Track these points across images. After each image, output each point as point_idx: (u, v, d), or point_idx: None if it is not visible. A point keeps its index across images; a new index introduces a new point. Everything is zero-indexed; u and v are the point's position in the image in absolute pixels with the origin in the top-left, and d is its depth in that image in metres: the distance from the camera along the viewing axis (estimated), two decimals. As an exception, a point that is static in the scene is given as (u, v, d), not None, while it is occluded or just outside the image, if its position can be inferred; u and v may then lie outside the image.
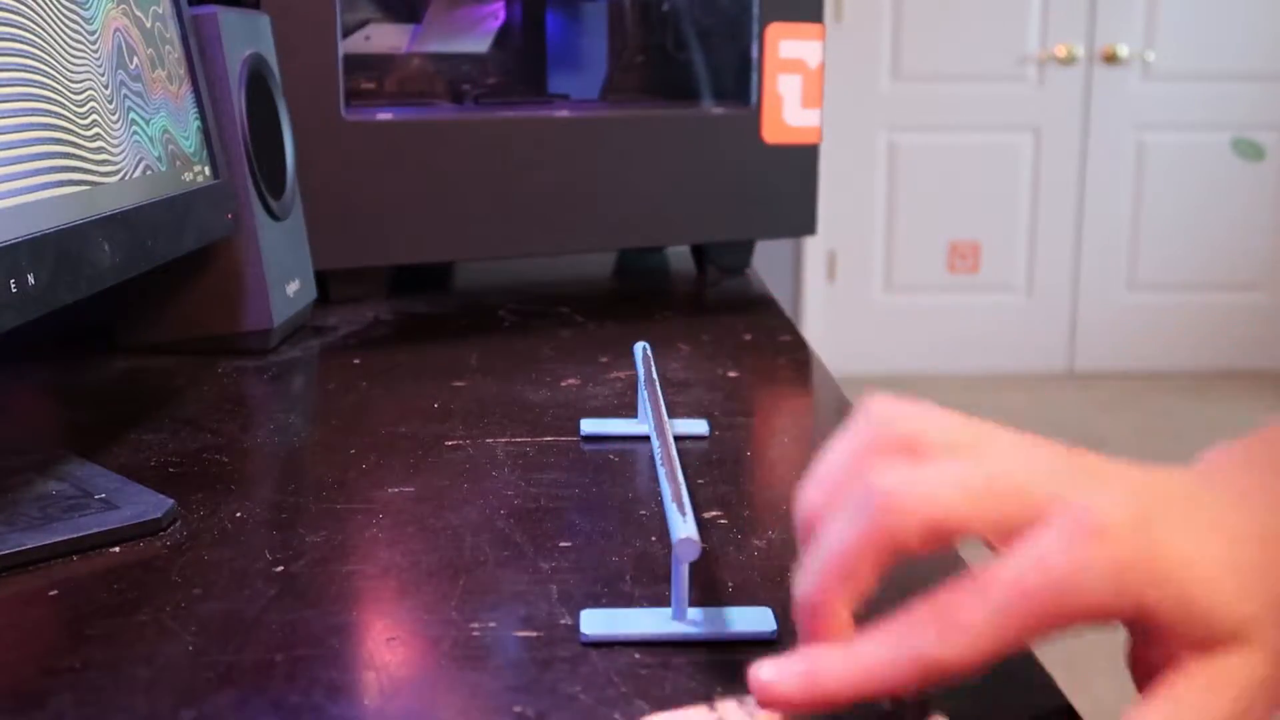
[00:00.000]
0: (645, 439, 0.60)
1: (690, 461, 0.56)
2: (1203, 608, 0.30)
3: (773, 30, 1.03)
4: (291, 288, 0.82)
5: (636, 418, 0.62)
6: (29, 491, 0.50)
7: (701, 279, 1.07)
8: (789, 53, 1.03)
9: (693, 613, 0.39)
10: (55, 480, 0.51)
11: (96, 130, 0.56)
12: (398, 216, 0.92)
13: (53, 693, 0.35)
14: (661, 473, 0.43)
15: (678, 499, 0.39)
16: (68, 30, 0.55)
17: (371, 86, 1.06)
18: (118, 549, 0.46)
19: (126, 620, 0.40)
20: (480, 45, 1.12)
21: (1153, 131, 3.79)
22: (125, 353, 0.78)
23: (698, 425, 0.61)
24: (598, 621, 0.39)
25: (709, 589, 0.42)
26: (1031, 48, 3.74)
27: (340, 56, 0.88)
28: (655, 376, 0.58)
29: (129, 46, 0.62)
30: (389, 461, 0.56)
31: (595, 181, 0.98)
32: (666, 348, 0.80)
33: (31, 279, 0.47)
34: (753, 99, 1.03)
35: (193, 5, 0.75)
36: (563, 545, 0.46)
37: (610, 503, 0.51)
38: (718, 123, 1.02)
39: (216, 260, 0.77)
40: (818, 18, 1.04)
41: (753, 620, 0.39)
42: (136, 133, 0.61)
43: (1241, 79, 3.75)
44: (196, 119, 0.71)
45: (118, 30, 0.61)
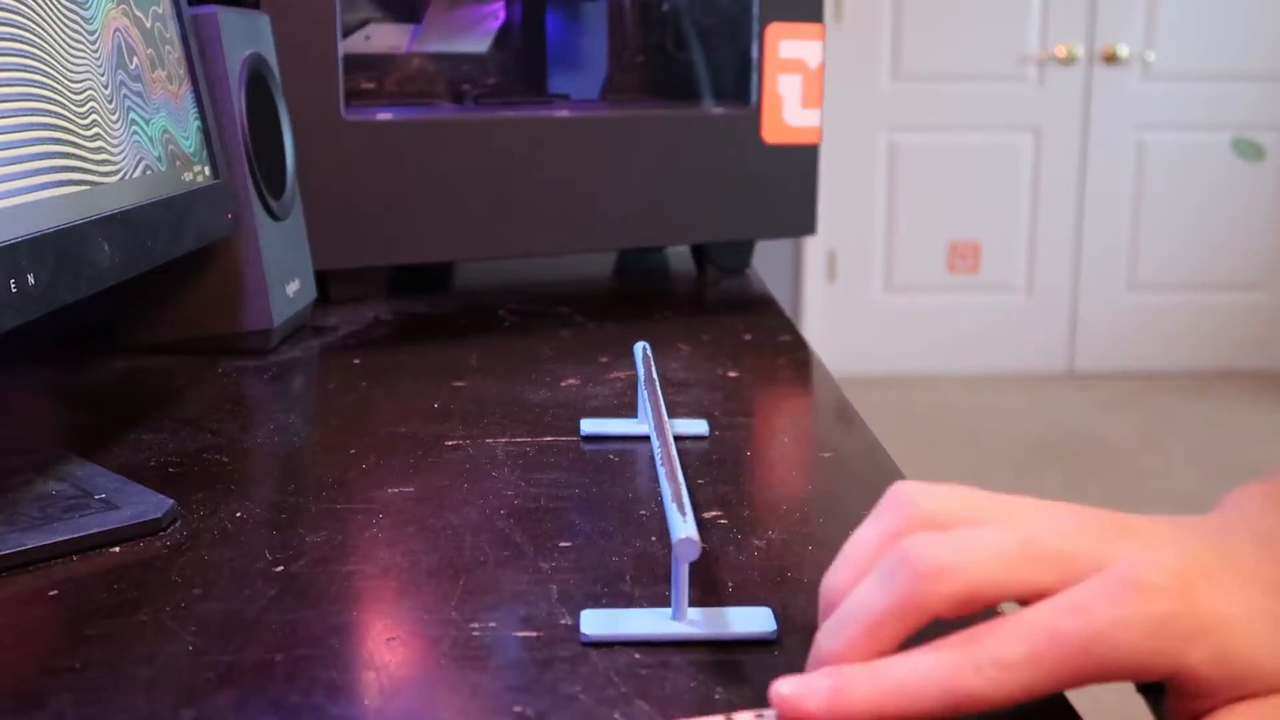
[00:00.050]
0: (645, 439, 0.60)
1: (690, 461, 0.56)
2: (1242, 664, 0.30)
3: (773, 30, 1.03)
4: (291, 288, 0.82)
5: (636, 418, 0.62)
6: (29, 491, 0.50)
7: (701, 279, 1.07)
8: (789, 53, 1.03)
9: (693, 613, 0.39)
10: (55, 480, 0.51)
11: (96, 130, 0.56)
12: (398, 216, 0.92)
13: (53, 693, 0.35)
14: (661, 473, 0.43)
15: (678, 499, 0.39)
16: (68, 30, 0.55)
17: (371, 86, 1.06)
18: (118, 549, 0.46)
19: (126, 620, 0.40)
20: (480, 45, 1.13)
21: (1153, 131, 3.79)
22: (125, 353, 0.78)
23: (698, 425, 0.61)
24: (598, 621, 0.39)
25: (709, 589, 0.42)
26: (1031, 48, 3.74)
27: (340, 56, 0.88)
28: (655, 376, 0.58)
29: (129, 46, 0.62)
30: (389, 461, 0.56)
31: (595, 181, 0.98)
32: (666, 348, 0.80)
33: (31, 279, 0.47)
34: (753, 99, 1.03)
35: (193, 5, 0.75)
36: (563, 545, 0.46)
37: (610, 503, 0.51)
38: (718, 123, 1.02)
39: (216, 260, 0.77)
40: (818, 18, 1.04)
41: (753, 620, 0.39)
42: (136, 133, 0.61)
43: (1241, 79, 3.75)
44: (196, 119, 0.71)
45: (118, 30, 0.61)
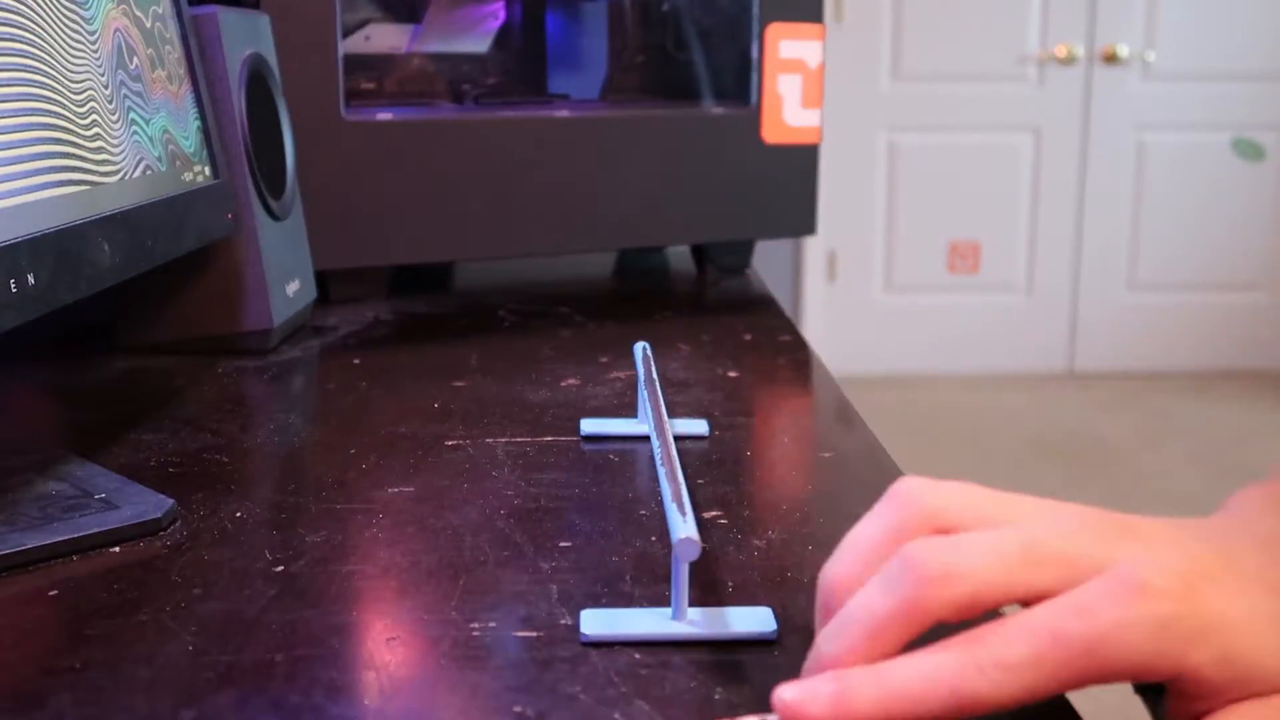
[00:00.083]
0: (645, 439, 0.60)
1: (690, 461, 0.56)
2: (1245, 665, 0.30)
3: (773, 30, 1.03)
4: (291, 288, 0.82)
5: (636, 418, 0.62)
6: (29, 491, 0.50)
7: (701, 279, 1.07)
8: (789, 53, 1.03)
9: (692, 613, 0.39)
10: (55, 480, 0.51)
11: (96, 130, 0.56)
12: (398, 216, 0.92)
13: (53, 693, 0.35)
14: (661, 473, 0.43)
15: (678, 499, 0.39)
16: (68, 30, 0.55)
17: (371, 86, 1.06)
18: (118, 549, 0.46)
19: (126, 620, 0.40)
20: (480, 45, 1.12)
21: (1153, 131, 3.79)
22: (125, 353, 0.78)
23: (698, 425, 0.61)
24: (598, 621, 0.39)
25: (709, 589, 0.42)
26: (1031, 48, 3.74)
27: (340, 56, 0.88)
28: (655, 376, 0.58)
29: (129, 46, 0.62)
30: (389, 461, 0.56)
31: (595, 181, 0.98)
32: (666, 348, 0.80)
33: (31, 279, 0.47)
34: (753, 99, 1.03)
35: (193, 5, 0.75)
36: (563, 545, 0.46)
37: (610, 503, 0.51)
38: (718, 123, 1.02)
39: (216, 260, 0.77)
40: (818, 18, 1.04)
41: (753, 620, 0.39)
42: (136, 133, 0.61)
43: (1241, 79, 3.75)
44: (196, 119, 0.71)
45: (118, 30, 0.61)
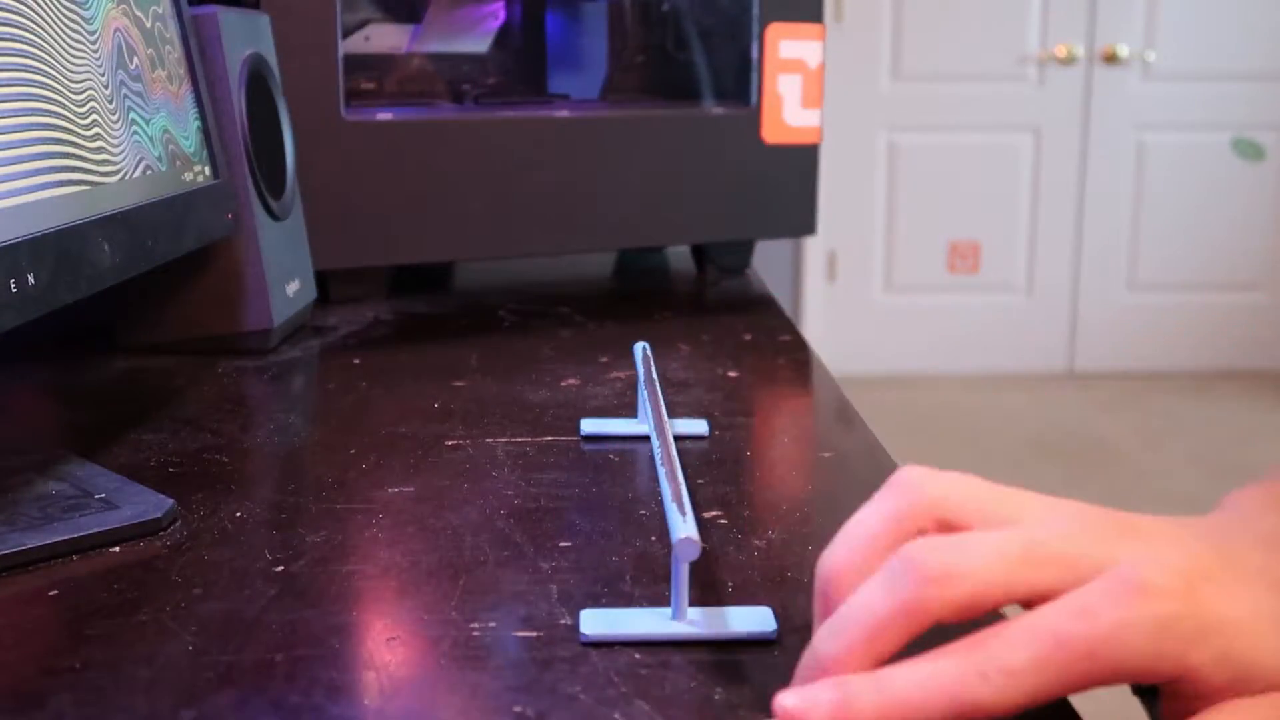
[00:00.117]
0: (645, 439, 0.60)
1: (690, 461, 0.56)
2: (1245, 664, 0.30)
3: (773, 30, 1.03)
4: (291, 288, 0.82)
5: (636, 418, 0.62)
6: (29, 491, 0.50)
7: (701, 279, 1.07)
8: (789, 53, 1.03)
9: (692, 613, 0.39)
10: (55, 480, 0.51)
11: (96, 130, 0.56)
12: (398, 216, 0.92)
13: (53, 693, 0.35)
14: (661, 473, 0.43)
15: (678, 499, 0.39)
16: (68, 30, 0.55)
17: (371, 86, 1.06)
18: (118, 549, 0.46)
19: (126, 620, 0.40)
20: (480, 45, 1.13)
21: (1153, 131, 3.79)
22: (125, 353, 0.78)
23: (698, 425, 0.61)
24: (597, 621, 0.39)
25: (709, 589, 0.42)
26: (1031, 48, 3.74)
27: (340, 56, 0.88)
28: (655, 376, 0.58)
29: (129, 46, 0.62)
30: (389, 461, 0.56)
31: (595, 181, 0.98)
32: (666, 348, 0.80)
33: (31, 279, 0.47)
34: (753, 99, 1.03)
35: (193, 5, 0.75)
36: (563, 545, 0.46)
37: (610, 503, 0.51)
38: (718, 123, 1.02)
39: (216, 260, 0.77)
40: (818, 18, 1.04)
41: (752, 620, 0.39)
42: (136, 133, 0.61)
43: (1241, 79, 3.75)
44: (196, 119, 0.71)
45: (118, 30, 0.61)
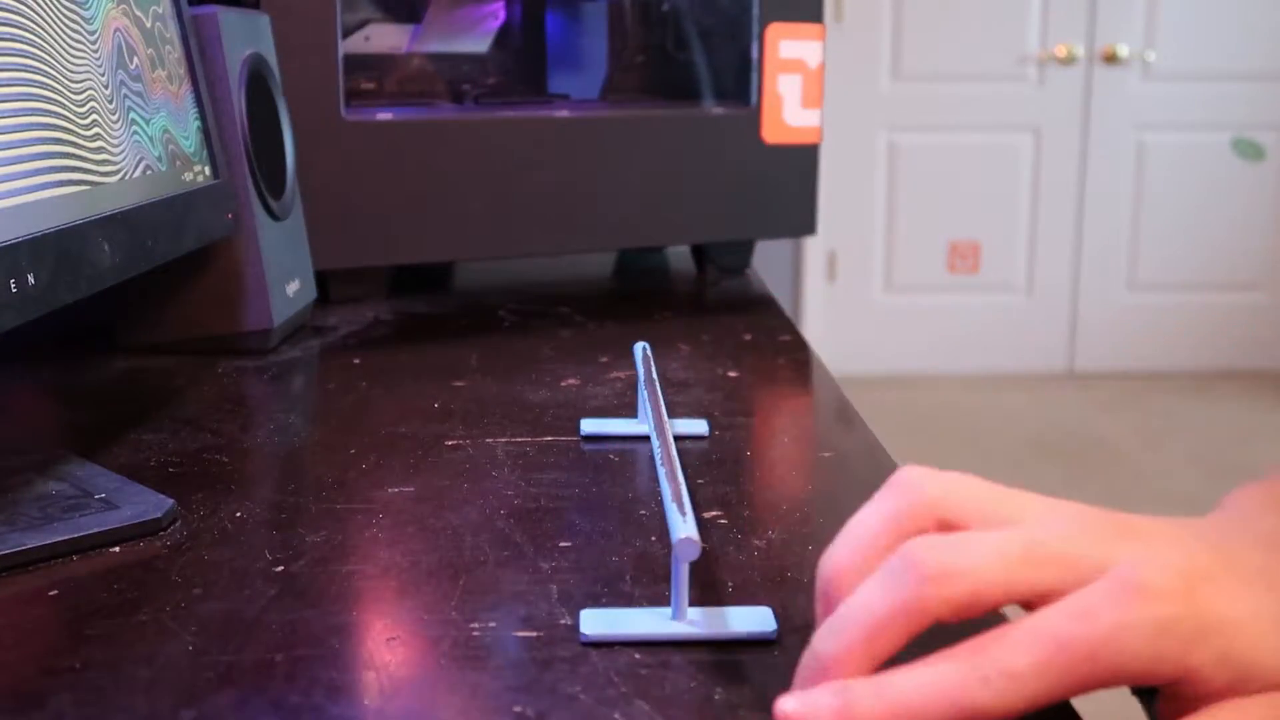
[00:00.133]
0: (645, 439, 0.60)
1: (690, 461, 0.56)
2: (1245, 665, 0.30)
3: (773, 30, 1.03)
4: (291, 288, 0.82)
5: (636, 418, 0.62)
6: (29, 491, 0.50)
7: (701, 279, 1.07)
8: (789, 53, 1.03)
9: (692, 613, 0.39)
10: (55, 480, 0.51)
11: (96, 130, 0.56)
12: (398, 216, 0.92)
13: (53, 693, 0.35)
14: (661, 473, 0.43)
15: (678, 499, 0.39)
16: (68, 30, 0.55)
17: (371, 86, 1.06)
18: (118, 549, 0.46)
19: (126, 620, 0.40)
20: (480, 45, 1.13)
21: (1153, 131, 3.79)
22: (125, 353, 0.78)
23: (698, 425, 0.61)
24: (597, 621, 0.39)
25: (709, 589, 0.42)
26: (1031, 48, 3.74)
27: (340, 56, 0.88)
28: (655, 376, 0.58)
29: (129, 46, 0.62)
30: (389, 461, 0.56)
31: (595, 181, 0.98)
32: (666, 348, 0.80)
33: (31, 279, 0.47)
34: (753, 99, 1.03)
35: (193, 5, 0.75)
36: (563, 545, 0.46)
37: (610, 503, 0.51)
38: (718, 123, 1.02)
39: (216, 260, 0.77)
40: (818, 18, 1.04)
41: (752, 620, 0.39)
42: (136, 133, 0.61)
43: (1241, 79, 3.75)
44: (196, 119, 0.71)
45: (118, 30, 0.61)
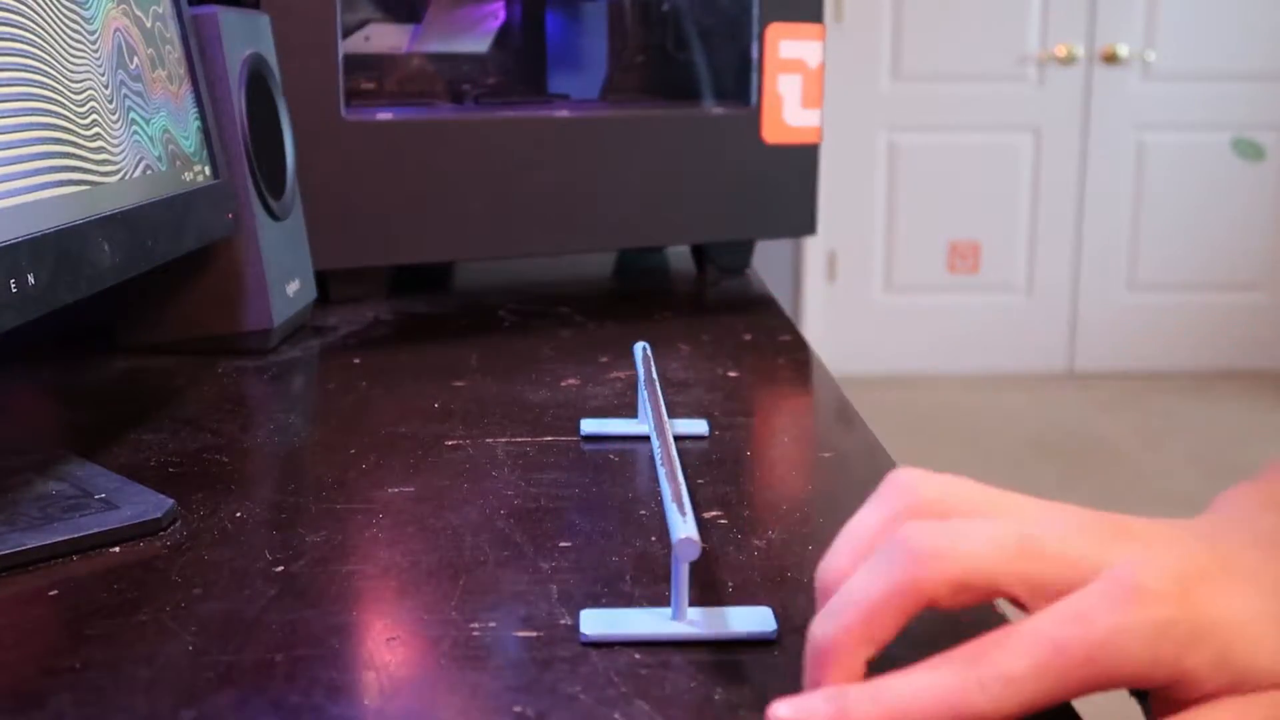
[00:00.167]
0: (645, 439, 0.60)
1: (690, 461, 0.56)
2: (1242, 666, 0.30)
3: (773, 30, 1.03)
4: (291, 288, 0.82)
5: (636, 418, 0.62)
6: (29, 491, 0.50)
7: (701, 279, 1.07)
8: (789, 53, 1.03)
9: (692, 613, 0.39)
10: (55, 480, 0.51)
11: (96, 130, 0.56)
12: (398, 216, 0.92)
13: (53, 693, 0.35)
14: (661, 473, 0.43)
15: (678, 499, 0.39)
16: (68, 30, 0.55)
17: (371, 86, 1.06)
18: (118, 549, 0.46)
19: (126, 620, 0.40)
20: (480, 45, 1.13)
21: (1153, 131, 3.79)
22: (125, 353, 0.78)
23: (698, 425, 0.61)
24: (598, 621, 0.39)
25: (709, 589, 0.42)
26: (1031, 48, 3.74)
27: (340, 56, 0.88)
28: (655, 376, 0.58)
29: (129, 46, 0.62)
30: (389, 461, 0.56)
31: (595, 181, 0.98)
32: (666, 348, 0.80)
33: (31, 279, 0.47)
34: (753, 99, 1.03)
35: (193, 5, 0.75)
36: (563, 545, 0.46)
37: (610, 503, 0.51)
38: (718, 123, 1.02)
39: (216, 260, 0.77)
40: (818, 18, 1.04)
41: (753, 620, 0.39)
42: (136, 133, 0.61)
43: (1241, 79, 3.75)
44: (196, 119, 0.71)
45: (118, 30, 0.61)
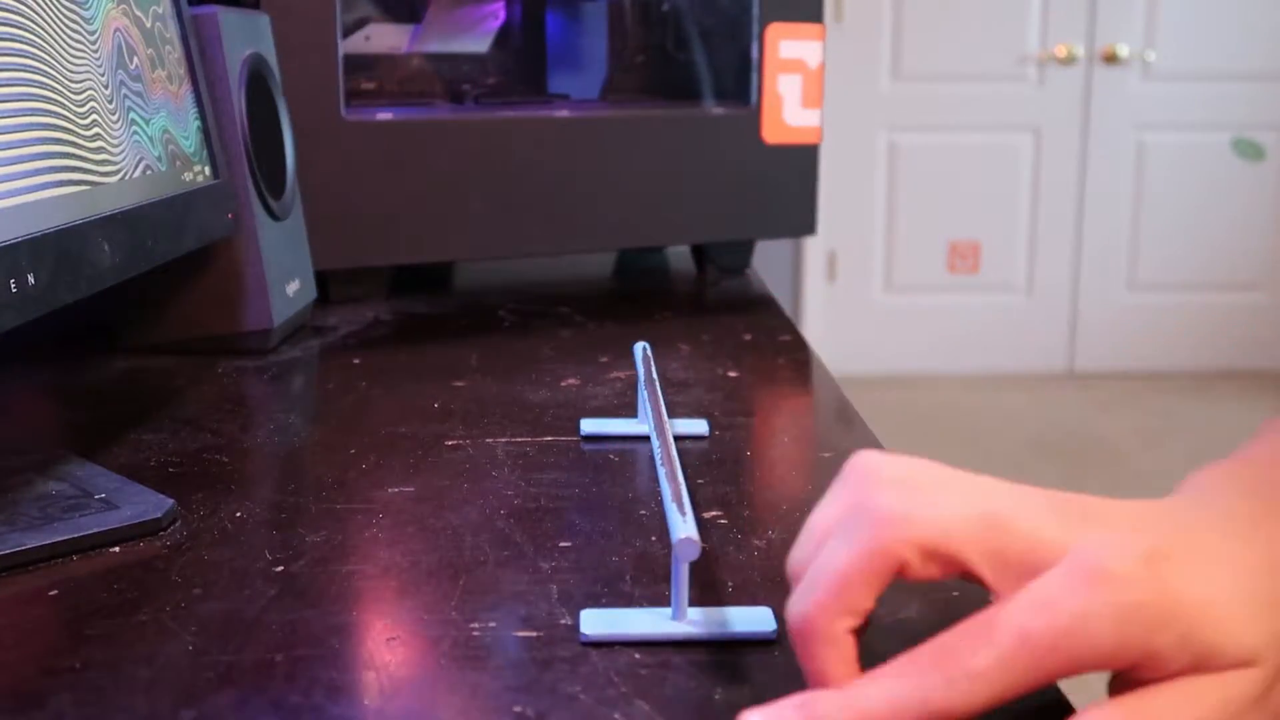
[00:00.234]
0: (645, 439, 0.60)
1: (690, 461, 0.56)
2: (1207, 647, 0.30)
3: (773, 30, 1.03)
4: (291, 288, 0.82)
5: (636, 418, 0.62)
6: (29, 491, 0.50)
7: (701, 279, 1.07)
8: (789, 53, 1.03)
9: (692, 613, 0.39)
10: (55, 480, 0.51)
11: (96, 130, 0.56)
12: (398, 216, 0.92)
13: (53, 693, 0.35)
14: (661, 473, 0.43)
15: (678, 499, 0.39)
16: (68, 30, 0.55)
17: (371, 86, 1.06)
18: (118, 549, 0.46)
19: (126, 620, 0.40)
20: (480, 45, 1.13)
21: (1153, 131, 3.79)
22: (125, 353, 0.78)
23: (698, 425, 0.61)
24: (598, 621, 0.39)
25: (709, 589, 0.42)
26: (1031, 48, 3.74)
27: (340, 56, 0.88)
28: (655, 376, 0.58)
29: (129, 46, 0.62)
30: (389, 461, 0.56)
31: (595, 181, 0.98)
32: (666, 348, 0.80)
33: (31, 279, 0.47)
34: (753, 99, 1.03)
35: (193, 5, 0.75)
36: (563, 545, 0.46)
37: (610, 503, 0.51)
38: (718, 123, 1.02)
39: (216, 260, 0.77)
40: (818, 18, 1.04)
41: (752, 620, 0.39)
42: (136, 133, 0.61)
43: (1241, 79, 3.75)
44: (196, 119, 0.71)
45: (118, 30, 0.61)
